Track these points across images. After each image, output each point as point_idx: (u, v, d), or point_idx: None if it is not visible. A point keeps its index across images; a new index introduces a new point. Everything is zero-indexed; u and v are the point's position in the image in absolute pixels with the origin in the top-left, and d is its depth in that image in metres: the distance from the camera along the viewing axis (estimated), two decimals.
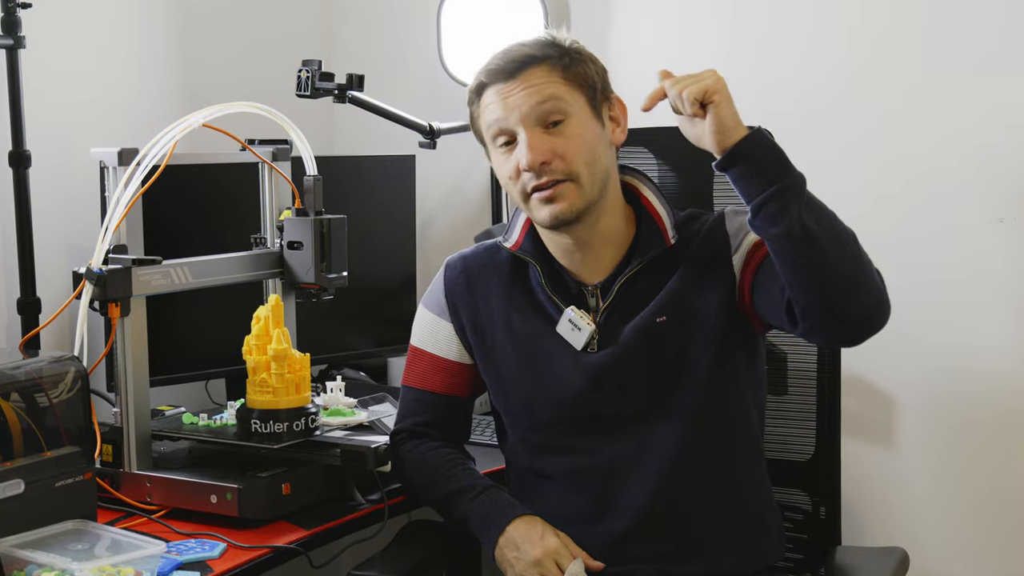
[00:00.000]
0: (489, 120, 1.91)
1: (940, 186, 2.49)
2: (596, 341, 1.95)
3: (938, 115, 2.48)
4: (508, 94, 1.89)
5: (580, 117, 1.89)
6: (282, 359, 2.08)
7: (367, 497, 2.15)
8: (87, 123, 2.59)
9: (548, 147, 1.87)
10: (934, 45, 2.49)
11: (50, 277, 2.47)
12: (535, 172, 1.87)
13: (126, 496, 2.11)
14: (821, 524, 2.17)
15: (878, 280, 1.81)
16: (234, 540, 1.96)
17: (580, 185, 1.88)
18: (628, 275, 1.95)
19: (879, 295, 1.81)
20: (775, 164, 1.74)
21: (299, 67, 2.53)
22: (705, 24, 2.73)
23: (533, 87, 1.88)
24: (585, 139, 1.88)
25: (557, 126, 1.88)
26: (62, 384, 1.97)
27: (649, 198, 1.99)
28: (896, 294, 2.52)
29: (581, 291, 1.98)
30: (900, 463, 2.58)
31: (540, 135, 1.87)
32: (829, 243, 1.74)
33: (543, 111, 1.87)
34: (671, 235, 1.95)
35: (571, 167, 1.87)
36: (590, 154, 1.89)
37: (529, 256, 2.00)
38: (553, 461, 2.00)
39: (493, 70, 1.91)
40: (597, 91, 1.92)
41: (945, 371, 2.53)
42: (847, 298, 1.77)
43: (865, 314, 1.81)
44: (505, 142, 1.91)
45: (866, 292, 1.79)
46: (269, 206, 2.35)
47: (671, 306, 1.93)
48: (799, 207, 1.72)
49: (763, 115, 2.18)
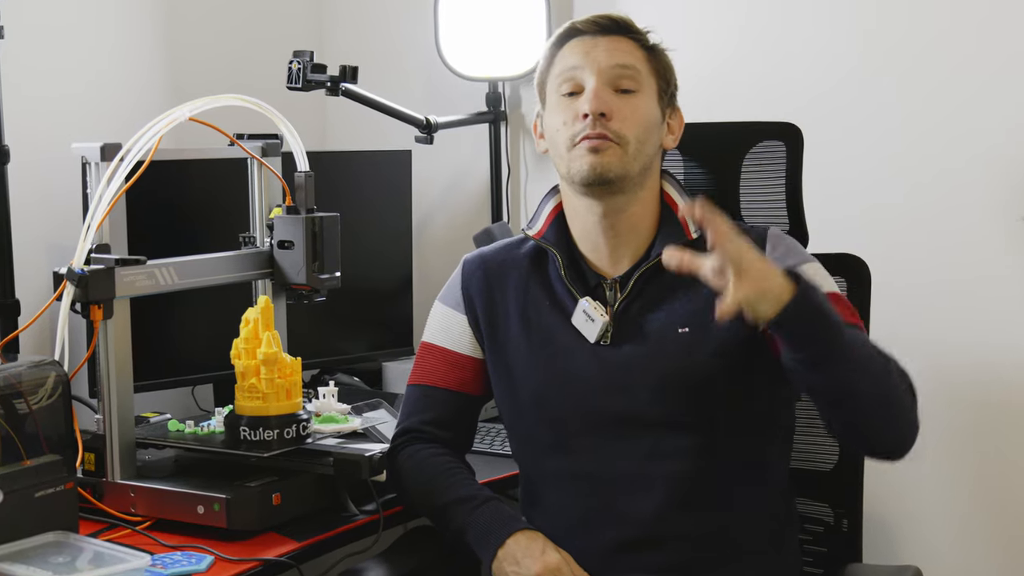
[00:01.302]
0: (564, 67, 1.99)
1: (957, 185, 2.50)
2: (610, 334, 1.96)
3: (956, 115, 2.50)
4: (593, 47, 1.98)
5: (647, 97, 1.99)
6: (272, 363, 2.08)
7: (361, 508, 2.14)
8: (68, 117, 2.58)
9: (613, 103, 1.95)
10: (952, 45, 2.50)
11: (29, 278, 2.47)
12: (592, 121, 1.93)
13: (109, 507, 2.10)
14: (842, 538, 2.17)
15: (909, 410, 1.88)
16: (222, 553, 1.95)
17: (626, 152, 1.94)
18: (647, 267, 1.97)
19: (909, 429, 1.88)
20: (813, 337, 1.76)
21: (290, 58, 2.53)
22: (716, 19, 2.74)
23: (618, 50, 1.98)
24: (645, 116, 1.98)
25: (626, 94, 1.97)
26: (42, 390, 1.96)
27: (671, 194, 2.04)
28: (916, 294, 2.53)
29: (600, 283, 2.01)
30: (919, 472, 2.57)
31: (609, 92, 1.96)
32: (862, 397, 1.82)
33: (620, 74, 1.97)
34: (692, 229, 1.99)
35: (625, 131, 1.94)
36: (644, 131, 1.97)
37: (551, 245, 2.03)
38: (559, 462, 2.00)
39: (588, 21, 2.01)
40: (669, 87, 2.03)
41: (967, 376, 2.53)
42: (877, 436, 1.89)
43: (894, 448, 1.91)
44: (570, 91, 1.98)
45: (895, 430, 1.88)
46: (258, 204, 2.35)
47: (693, 315, 1.94)
48: (831, 371, 1.78)
49: (775, 113, 2.19)
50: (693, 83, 2.70)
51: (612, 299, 1.99)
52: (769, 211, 2.16)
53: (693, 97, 2.67)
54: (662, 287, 1.97)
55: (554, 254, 2.03)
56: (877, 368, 1.83)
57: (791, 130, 2.16)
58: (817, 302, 1.75)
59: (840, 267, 2.15)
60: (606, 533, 1.95)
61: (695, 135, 2.23)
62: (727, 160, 2.19)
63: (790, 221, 2.16)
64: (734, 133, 2.21)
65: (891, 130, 2.56)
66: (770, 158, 2.17)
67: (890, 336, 2.35)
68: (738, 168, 2.18)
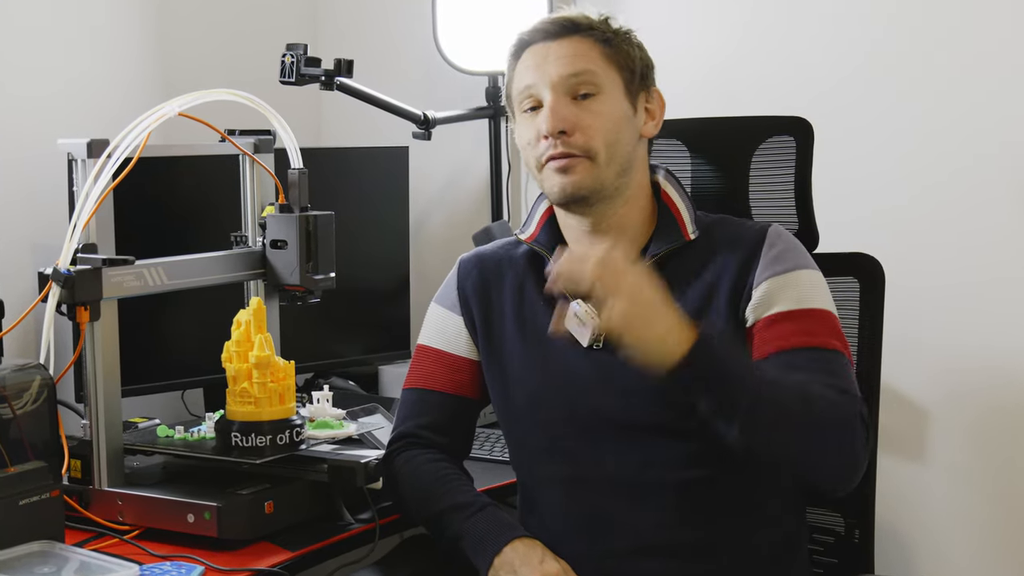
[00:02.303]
0: (521, 84, 1.99)
1: (974, 184, 2.50)
2: (603, 337, 1.95)
3: (972, 111, 2.49)
4: (545, 58, 1.95)
5: (611, 95, 1.95)
6: (265, 367, 2.07)
7: (356, 516, 2.14)
8: (55, 113, 2.58)
9: (571, 117, 1.93)
10: (968, 38, 2.49)
11: (14, 278, 2.47)
12: (554, 140, 1.92)
13: (96, 515, 2.10)
14: (854, 549, 2.16)
15: (839, 448, 1.84)
16: (212, 563, 1.95)
17: (596, 164, 1.93)
18: None
19: (840, 467, 1.86)
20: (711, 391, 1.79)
21: (283, 52, 2.53)
22: (721, 12, 2.74)
23: (570, 56, 1.95)
24: (610, 118, 1.94)
25: (586, 99, 1.94)
26: (27, 394, 1.97)
27: (669, 192, 2.03)
28: (931, 296, 2.52)
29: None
30: (932, 480, 2.58)
31: (566, 103, 1.94)
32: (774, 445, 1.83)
33: (575, 82, 1.94)
34: (691, 230, 1.98)
35: (590, 143, 1.92)
36: (612, 134, 1.94)
37: (544, 248, 2.04)
38: (554, 468, 2.01)
39: (536, 29, 1.99)
40: (636, 75, 1.99)
41: (985, 380, 2.53)
42: (801, 474, 1.91)
43: (827, 486, 1.92)
44: (531, 107, 1.97)
45: (821, 470, 1.86)
46: (251, 202, 2.35)
47: (692, 317, 1.93)
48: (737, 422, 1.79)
49: (782, 110, 2.19)
50: (699, 78, 2.73)
51: None
52: (778, 209, 2.16)
53: (699, 92, 2.69)
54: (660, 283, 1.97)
55: (548, 257, 2.02)
56: (792, 410, 1.81)
57: (801, 125, 2.15)
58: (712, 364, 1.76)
59: (853, 267, 2.15)
60: (605, 541, 1.96)
61: (702, 131, 2.24)
62: (735, 156, 2.19)
63: (799, 219, 2.15)
64: (743, 128, 2.21)
65: (904, 127, 2.56)
66: (779, 154, 2.16)
67: (904, 338, 2.37)
68: (747, 164, 2.17)
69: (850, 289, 2.15)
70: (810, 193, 2.15)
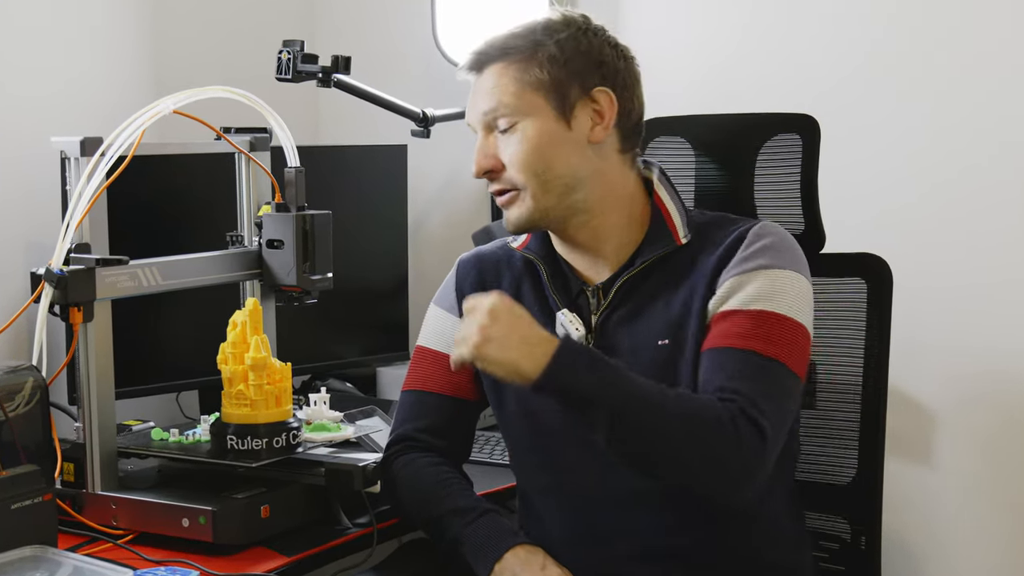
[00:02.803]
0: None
1: (983, 184, 2.50)
2: (592, 345, 1.96)
3: (980, 109, 2.49)
4: (473, 91, 1.98)
5: (534, 122, 1.93)
6: (261, 369, 2.08)
7: (354, 520, 2.14)
8: (48, 112, 2.59)
9: (494, 154, 1.95)
10: (975, 34, 2.49)
11: (5, 278, 2.47)
12: (487, 181, 1.96)
13: (89, 519, 2.10)
14: (860, 555, 2.16)
15: (716, 459, 1.81)
16: (208, 568, 1.95)
17: (529, 194, 1.94)
18: (629, 275, 1.97)
19: (722, 479, 1.84)
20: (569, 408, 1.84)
21: (279, 48, 2.53)
22: (721, 10, 2.74)
23: (485, 91, 1.96)
24: (535, 146, 1.93)
25: (505, 133, 1.94)
26: (19, 396, 1.97)
27: (659, 192, 2.01)
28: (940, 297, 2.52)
29: (582, 291, 2.00)
30: (941, 485, 2.58)
31: (491, 141, 1.96)
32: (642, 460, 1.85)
33: (492, 118, 1.95)
34: (682, 233, 1.97)
35: (515, 177, 1.94)
36: (539, 162, 1.93)
37: (534, 255, 2.04)
38: (550, 477, 2.01)
39: (467, 60, 1.99)
40: (562, 89, 1.93)
41: (994, 384, 2.53)
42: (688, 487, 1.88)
43: (712, 494, 1.88)
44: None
45: (706, 482, 1.85)
46: (247, 201, 2.35)
47: (671, 326, 1.94)
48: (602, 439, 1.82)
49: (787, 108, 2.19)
50: (699, 77, 2.73)
51: (595, 306, 1.99)
52: (784, 208, 2.15)
53: (700, 91, 2.69)
54: (646, 295, 1.96)
55: (538, 264, 2.03)
56: (658, 426, 1.81)
57: (808, 122, 2.15)
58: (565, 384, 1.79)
59: (860, 268, 2.15)
60: (604, 547, 1.96)
61: (707, 128, 2.23)
62: (740, 154, 2.18)
63: (805, 219, 2.15)
64: (748, 125, 2.20)
65: (909, 126, 2.56)
66: (785, 152, 2.16)
67: (912, 341, 2.37)
68: (752, 162, 2.17)
69: (857, 290, 2.15)
70: (816, 192, 2.15)
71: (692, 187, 2.21)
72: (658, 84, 2.11)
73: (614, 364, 1.84)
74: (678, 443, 1.82)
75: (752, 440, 1.81)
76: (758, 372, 1.85)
